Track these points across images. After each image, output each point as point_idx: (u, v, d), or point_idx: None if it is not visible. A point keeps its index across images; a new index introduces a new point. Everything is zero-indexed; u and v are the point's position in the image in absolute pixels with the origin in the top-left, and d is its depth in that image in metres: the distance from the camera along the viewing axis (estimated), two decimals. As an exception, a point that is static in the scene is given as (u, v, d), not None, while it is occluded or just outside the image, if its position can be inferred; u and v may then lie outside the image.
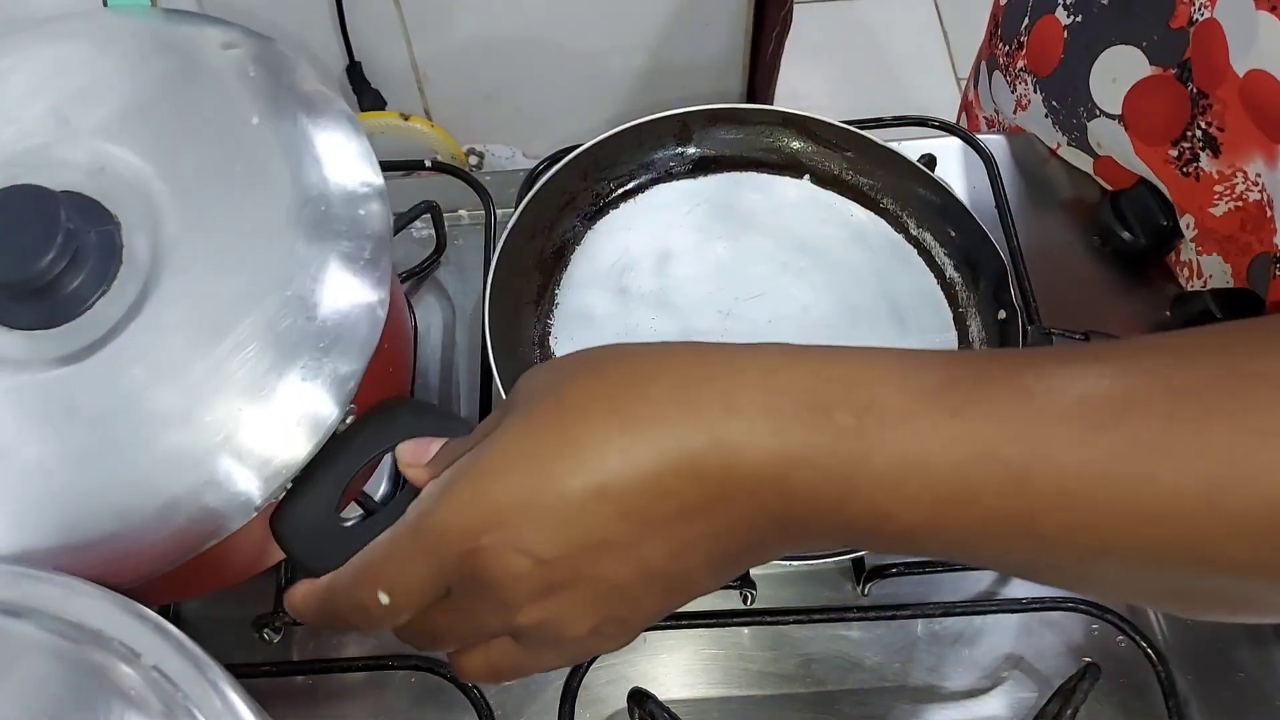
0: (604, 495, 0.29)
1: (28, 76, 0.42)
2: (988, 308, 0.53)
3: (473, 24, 1.00)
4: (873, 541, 0.31)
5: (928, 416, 0.28)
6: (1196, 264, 0.56)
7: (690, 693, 0.48)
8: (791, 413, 0.28)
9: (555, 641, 0.32)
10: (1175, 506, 0.26)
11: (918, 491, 0.28)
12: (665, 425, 0.29)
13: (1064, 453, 0.27)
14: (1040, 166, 0.64)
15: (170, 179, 0.39)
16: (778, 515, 0.29)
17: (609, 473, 0.29)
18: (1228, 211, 0.52)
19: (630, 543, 0.29)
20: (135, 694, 0.32)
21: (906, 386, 0.28)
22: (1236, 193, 0.52)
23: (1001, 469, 0.27)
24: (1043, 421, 0.27)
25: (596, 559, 0.30)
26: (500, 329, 0.51)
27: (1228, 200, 0.52)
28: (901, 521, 0.28)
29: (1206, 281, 0.56)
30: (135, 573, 0.35)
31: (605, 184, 0.58)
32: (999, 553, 0.29)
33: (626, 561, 0.30)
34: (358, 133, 0.42)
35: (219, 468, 0.35)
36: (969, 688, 0.48)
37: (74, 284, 0.37)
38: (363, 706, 0.48)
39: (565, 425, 0.30)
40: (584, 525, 0.29)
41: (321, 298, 0.37)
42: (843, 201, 0.58)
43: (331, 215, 0.39)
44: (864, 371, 0.29)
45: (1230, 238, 0.53)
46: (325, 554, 0.36)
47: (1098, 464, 0.27)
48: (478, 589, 0.31)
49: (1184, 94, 0.52)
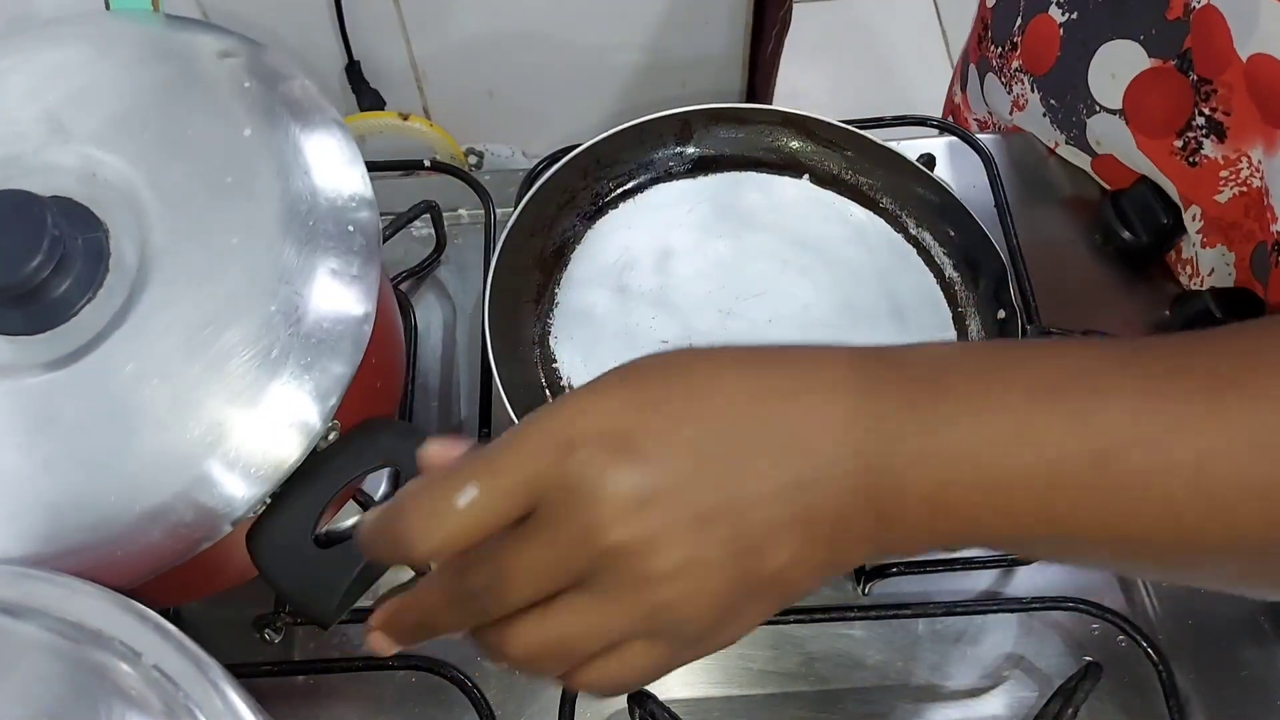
0: (801, 486, 0.28)
1: (25, 79, 0.42)
2: (987, 307, 0.53)
3: (472, 23, 1.00)
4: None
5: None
6: (1197, 261, 0.56)
7: (691, 692, 0.48)
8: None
9: (637, 585, 0.28)
10: None
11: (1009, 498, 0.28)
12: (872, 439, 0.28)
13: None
14: (1039, 166, 0.64)
15: (160, 187, 0.39)
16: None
17: (817, 468, 0.28)
18: (1232, 197, 0.52)
19: (791, 535, 0.28)
20: (136, 693, 0.32)
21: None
22: (1241, 178, 0.52)
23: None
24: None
25: (739, 522, 0.28)
26: (500, 328, 0.51)
27: (1232, 186, 0.52)
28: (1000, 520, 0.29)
29: (1203, 281, 0.56)
30: (111, 583, 0.35)
31: (605, 183, 0.58)
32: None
33: (778, 550, 0.28)
34: (350, 144, 0.42)
35: (199, 478, 0.35)
36: (971, 686, 0.48)
37: (60, 290, 0.37)
38: (363, 706, 0.48)
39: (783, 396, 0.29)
40: (753, 499, 0.28)
41: (307, 310, 0.37)
42: (842, 201, 0.58)
43: (320, 229, 0.39)
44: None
45: (1234, 225, 0.53)
46: (297, 573, 0.36)
47: None
48: (568, 501, 0.28)
49: (1185, 84, 0.52)
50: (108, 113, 0.41)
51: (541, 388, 0.52)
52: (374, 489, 0.47)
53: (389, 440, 0.38)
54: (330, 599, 0.36)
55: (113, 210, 0.39)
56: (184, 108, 0.41)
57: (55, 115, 0.41)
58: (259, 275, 0.38)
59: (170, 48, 0.43)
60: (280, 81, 0.42)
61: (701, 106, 0.58)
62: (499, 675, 0.48)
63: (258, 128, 0.40)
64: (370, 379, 0.42)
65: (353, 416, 0.39)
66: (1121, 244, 0.58)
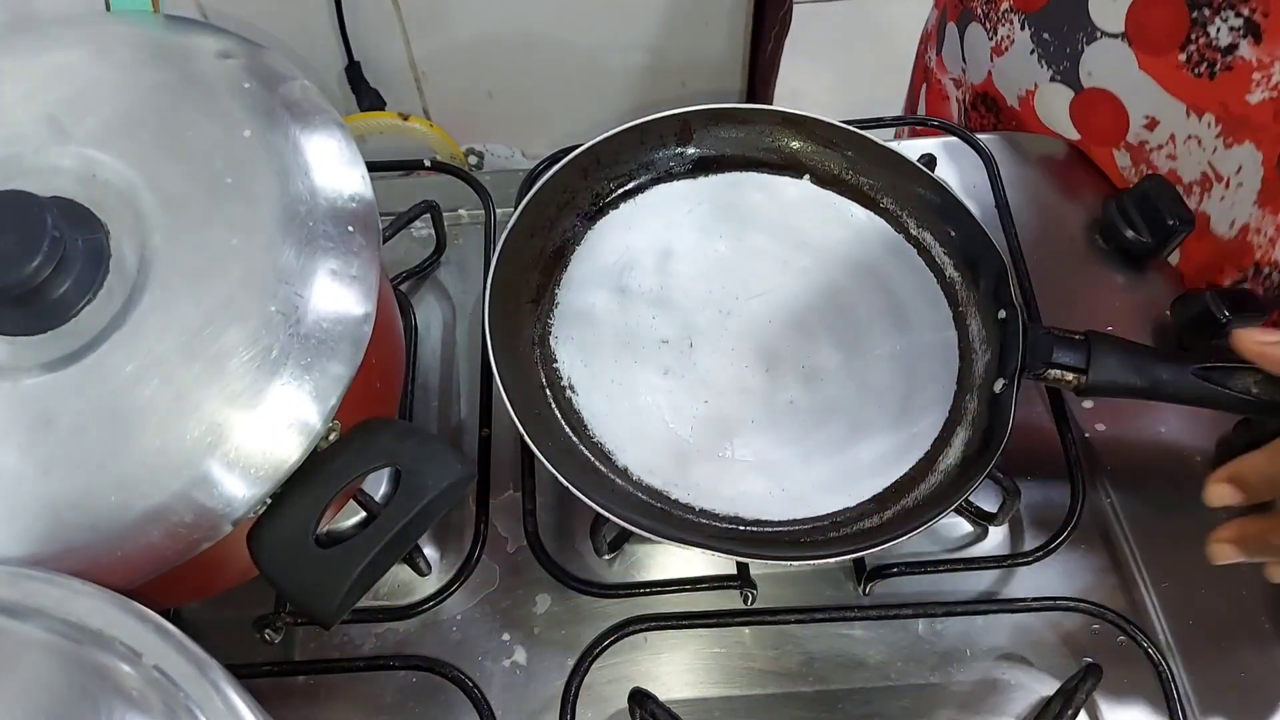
0: None
1: (25, 80, 0.42)
2: (988, 306, 0.53)
3: (471, 23, 1.00)
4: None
5: None
6: (1214, 166, 0.57)
7: (692, 692, 0.48)
8: None
9: None
10: None
11: None
12: None
13: None
14: (1039, 166, 0.64)
15: (160, 188, 0.39)
16: None
17: None
18: (1263, 100, 0.53)
19: None
20: (136, 694, 0.32)
21: None
22: (1273, 81, 0.52)
23: None
24: None
25: None
26: (500, 328, 0.51)
27: (1264, 89, 0.53)
28: None
29: (1228, 182, 0.56)
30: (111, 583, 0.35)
31: (605, 183, 0.58)
32: None
33: None
34: (349, 145, 0.42)
35: (199, 479, 0.35)
36: (971, 687, 0.48)
37: (60, 290, 0.37)
38: (363, 707, 0.48)
39: None
40: None
41: (307, 311, 0.37)
42: (843, 201, 0.58)
43: (320, 229, 0.39)
44: None
45: (1263, 126, 0.54)
46: (299, 574, 0.36)
47: None
48: None
49: (1180, 2, 0.54)
50: (108, 113, 0.41)
51: (542, 388, 0.52)
52: (374, 489, 0.47)
53: (389, 440, 0.38)
54: (332, 599, 0.36)
55: (113, 211, 0.39)
56: (184, 109, 0.41)
57: (55, 116, 0.41)
58: (259, 276, 0.38)
59: (170, 49, 0.43)
60: (280, 82, 0.42)
61: (702, 107, 0.58)
62: (500, 675, 0.48)
63: (257, 128, 0.40)
64: (370, 379, 0.42)
65: (353, 417, 0.39)
66: (1124, 243, 0.58)
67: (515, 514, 0.51)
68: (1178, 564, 0.51)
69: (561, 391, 0.52)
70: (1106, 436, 0.54)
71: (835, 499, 0.49)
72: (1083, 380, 0.48)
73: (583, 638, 0.48)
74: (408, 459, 0.38)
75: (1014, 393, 0.49)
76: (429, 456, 0.38)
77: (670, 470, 0.50)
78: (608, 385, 0.52)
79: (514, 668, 0.49)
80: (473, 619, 0.50)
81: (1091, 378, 0.47)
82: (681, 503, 0.49)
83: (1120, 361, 0.48)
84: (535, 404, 0.51)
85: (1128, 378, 0.47)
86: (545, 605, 0.50)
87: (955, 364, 0.53)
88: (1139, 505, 0.52)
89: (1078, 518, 0.49)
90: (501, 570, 0.51)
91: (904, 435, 0.51)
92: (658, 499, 0.49)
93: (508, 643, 0.49)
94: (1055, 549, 0.49)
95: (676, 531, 0.46)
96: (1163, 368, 0.47)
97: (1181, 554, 0.51)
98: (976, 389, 0.52)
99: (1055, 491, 0.51)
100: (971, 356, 0.53)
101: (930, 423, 0.51)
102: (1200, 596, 0.50)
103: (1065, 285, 0.59)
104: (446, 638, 0.49)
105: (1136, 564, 0.51)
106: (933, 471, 0.50)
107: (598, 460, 0.50)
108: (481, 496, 0.50)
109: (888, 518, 0.48)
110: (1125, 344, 0.48)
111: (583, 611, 0.50)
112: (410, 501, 0.38)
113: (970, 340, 0.54)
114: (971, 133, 0.63)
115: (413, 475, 0.38)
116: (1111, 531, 0.52)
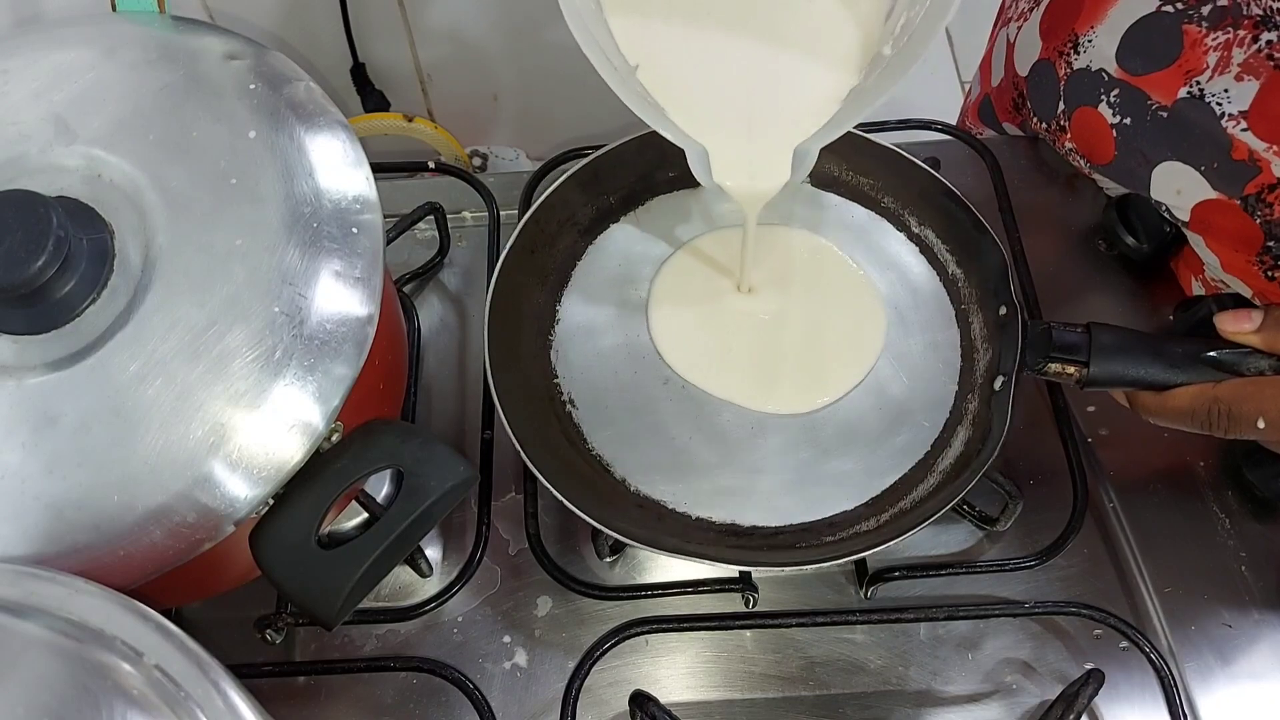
0: None
1: (32, 80, 0.42)
2: (989, 304, 0.53)
3: (476, 26, 1.01)
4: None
5: None
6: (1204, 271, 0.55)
7: (692, 695, 0.48)
8: None
9: None
10: None
11: None
12: None
13: None
14: (1042, 170, 0.64)
15: (165, 188, 0.39)
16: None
17: None
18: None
19: None
20: (137, 693, 0.32)
21: None
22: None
23: None
24: None
25: None
26: (501, 342, 0.51)
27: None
28: None
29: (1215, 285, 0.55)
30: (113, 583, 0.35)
31: (605, 197, 0.57)
32: None
33: None
34: (354, 146, 0.42)
35: (202, 479, 0.35)
36: (972, 692, 0.48)
37: (64, 290, 0.37)
38: (364, 707, 0.48)
39: None
40: None
41: (310, 312, 0.37)
42: (844, 202, 0.58)
43: (324, 230, 0.39)
44: None
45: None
46: (301, 575, 0.36)
47: None
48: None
49: (1252, 223, 0.50)
50: (113, 114, 0.41)
51: (544, 400, 0.52)
52: (377, 491, 0.47)
53: (392, 442, 0.38)
54: (334, 600, 0.36)
55: (117, 211, 0.39)
56: (189, 110, 0.41)
57: (61, 116, 0.41)
58: (263, 277, 0.38)
59: (176, 50, 0.43)
60: (285, 84, 0.42)
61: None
62: (501, 677, 0.48)
63: (263, 130, 0.41)
64: (373, 380, 0.42)
65: (355, 418, 0.39)
66: (1125, 250, 0.58)
67: (517, 516, 0.51)
68: (1180, 569, 0.51)
69: (562, 405, 0.52)
70: (1109, 441, 0.54)
71: (832, 503, 0.49)
72: (1084, 373, 0.46)
73: (584, 640, 0.48)
74: (410, 460, 0.38)
75: (1013, 389, 0.49)
76: (431, 458, 0.38)
77: (668, 480, 0.49)
78: (607, 398, 0.52)
79: (515, 670, 0.49)
80: (474, 621, 0.50)
81: (1093, 370, 0.46)
82: (679, 512, 0.49)
83: (1124, 351, 0.46)
84: (536, 419, 0.51)
85: (1133, 368, 0.45)
86: (546, 607, 0.50)
87: (957, 363, 0.53)
88: (1142, 510, 0.52)
89: (1080, 522, 0.49)
90: (503, 572, 0.51)
91: (904, 435, 0.51)
92: (655, 509, 0.49)
93: (509, 645, 0.49)
94: (1057, 553, 0.49)
95: (673, 542, 0.46)
96: (1171, 355, 0.45)
97: (1184, 559, 0.51)
98: (977, 388, 0.52)
99: (1057, 496, 0.51)
100: (973, 355, 0.53)
101: (931, 422, 0.51)
102: (1203, 602, 0.50)
103: (1067, 286, 0.59)
104: (448, 639, 0.49)
105: (1139, 569, 0.51)
106: (931, 472, 0.50)
107: (595, 472, 0.50)
108: (483, 498, 0.50)
109: (885, 520, 0.48)
110: (1129, 333, 0.46)
111: (584, 614, 0.50)
112: (412, 503, 0.38)
113: (972, 338, 0.54)
114: (974, 135, 0.63)
115: (415, 477, 0.38)
116: (1114, 536, 0.52)
